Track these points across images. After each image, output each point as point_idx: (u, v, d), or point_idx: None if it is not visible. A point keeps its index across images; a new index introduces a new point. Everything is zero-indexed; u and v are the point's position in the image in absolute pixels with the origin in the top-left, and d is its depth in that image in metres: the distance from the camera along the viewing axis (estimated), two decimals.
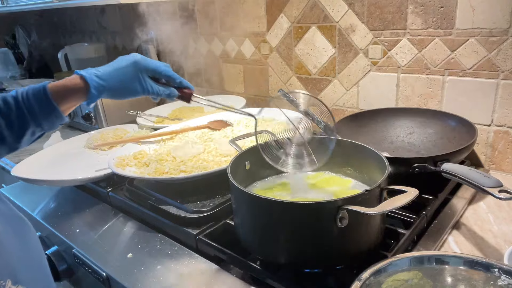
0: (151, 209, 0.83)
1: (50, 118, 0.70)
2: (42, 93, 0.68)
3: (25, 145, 0.72)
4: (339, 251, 0.59)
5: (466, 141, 0.83)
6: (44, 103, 0.68)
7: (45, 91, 0.68)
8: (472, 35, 0.90)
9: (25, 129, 0.69)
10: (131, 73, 0.73)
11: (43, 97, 0.68)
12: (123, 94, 0.75)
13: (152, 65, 0.75)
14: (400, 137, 1.01)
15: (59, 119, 0.71)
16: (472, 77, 0.93)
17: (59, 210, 0.95)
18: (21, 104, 0.68)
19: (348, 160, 0.75)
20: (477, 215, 0.77)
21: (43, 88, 0.68)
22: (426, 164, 0.75)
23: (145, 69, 0.74)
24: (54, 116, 0.70)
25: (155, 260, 0.72)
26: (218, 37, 1.45)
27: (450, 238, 0.71)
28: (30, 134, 0.70)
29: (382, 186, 0.58)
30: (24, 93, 0.68)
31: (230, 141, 0.87)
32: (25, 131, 0.69)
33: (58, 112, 0.70)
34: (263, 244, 0.62)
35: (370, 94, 1.11)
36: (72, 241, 0.82)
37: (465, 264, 0.51)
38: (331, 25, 1.12)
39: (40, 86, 0.69)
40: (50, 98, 0.68)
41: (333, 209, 0.54)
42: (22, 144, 0.72)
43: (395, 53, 1.03)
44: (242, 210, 0.64)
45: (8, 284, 0.44)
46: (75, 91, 0.71)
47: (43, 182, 0.95)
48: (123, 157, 0.98)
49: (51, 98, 0.68)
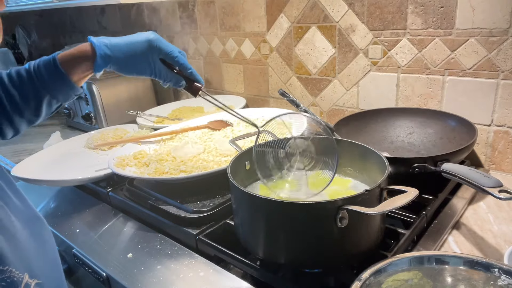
0: (151, 209, 0.83)
1: (62, 88, 0.70)
2: (51, 63, 0.69)
3: (45, 117, 0.73)
4: (339, 251, 0.59)
5: (466, 141, 0.83)
6: (54, 72, 0.69)
7: (55, 60, 0.69)
8: (472, 35, 0.90)
9: (39, 100, 0.70)
10: (142, 51, 0.72)
11: (53, 67, 0.69)
12: (129, 71, 0.73)
13: (166, 48, 0.73)
14: (400, 137, 1.01)
15: (72, 89, 0.71)
16: (472, 77, 0.93)
17: (59, 210, 0.95)
18: (32, 75, 0.69)
19: (348, 160, 0.75)
20: (477, 215, 0.77)
21: (52, 58, 0.69)
22: (426, 164, 0.75)
23: (157, 50, 0.72)
24: (66, 86, 0.70)
25: (155, 260, 0.72)
26: (218, 37, 1.45)
27: (450, 238, 0.71)
28: (46, 105, 0.71)
29: (382, 186, 0.58)
30: (35, 65, 0.69)
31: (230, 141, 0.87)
32: (41, 103, 0.70)
33: (69, 82, 0.70)
34: (263, 244, 0.62)
35: (370, 94, 1.11)
36: (72, 241, 0.82)
37: (465, 264, 0.51)
38: (331, 25, 1.12)
39: (50, 56, 0.69)
40: (60, 67, 0.68)
41: (333, 209, 0.54)
42: (41, 117, 0.73)
43: (395, 53, 1.03)
44: (242, 210, 0.64)
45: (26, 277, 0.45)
46: (82, 59, 0.70)
47: (43, 182, 0.96)
48: (123, 157, 0.98)
49: (61, 67, 0.69)
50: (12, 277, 0.43)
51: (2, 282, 0.42)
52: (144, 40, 0.72)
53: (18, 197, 0.53)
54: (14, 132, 0.74)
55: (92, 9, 1.98)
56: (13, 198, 0.52)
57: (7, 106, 0.69)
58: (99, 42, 0.70)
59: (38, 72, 0.69)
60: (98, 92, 1.42)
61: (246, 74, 1.42)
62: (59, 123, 1.70)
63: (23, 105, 0.70)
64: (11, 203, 0.51)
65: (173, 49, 0.74)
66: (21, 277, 0.45)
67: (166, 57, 0.74)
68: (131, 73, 0.74)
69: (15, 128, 0.73)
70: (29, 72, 0.69)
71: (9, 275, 0.43)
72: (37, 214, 0.56)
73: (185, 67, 0.75)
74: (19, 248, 0.47)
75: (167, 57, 0.74)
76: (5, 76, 0.70)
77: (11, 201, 0.51)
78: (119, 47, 0.71)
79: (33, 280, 0.47)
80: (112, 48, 0.71)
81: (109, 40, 0.72)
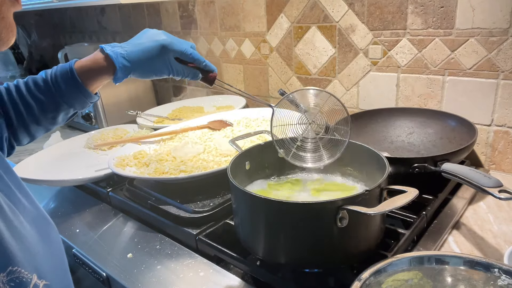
0: (151, 209, 0.83)
1: (80, 97, 0.72)
2: (69, 74, 0.70)
3: (61, 124, 0.76)
4: (339, 251, 0.59)
5: (466, 141, 0.83)
6: (71, 83, 0.70)
7: (72, 71, 0.70)
8: (472, 35, 0.90)
9: (57, 109, 0.71)
10: (158, 57, 0.73)
11: (70, 78, 0.70)
12: (148, 75, 0.75)
13: (180, 49, 0.74)
14: (400, 137, 1.01)
15: (89, 98, 0.73)
16: (472, 77, 0.93)
17: (59, 210, 0.95)
18: (50, 85, 0.70)
19: (348, 160, 0.75)
20: (477, 215, 0.77)
21: (70, 68, 0.70)
22: (426, 164, 0.75)
23: (172, 52, 0.74)
24: (83, 95, 0.72)
25: (155, 260, 0.72)
26: (218, 37, 1.45)
27: (450, 238, 0.71)
28: (63, 113, 0.73)
29: (382, 186, 0.58)
30: (52, 74, 0.70)
31: (230, 141, 0.87)
32: (58, 111, 0.72)
33: (86, 92, 0.71)
34: (263, 244, 0.62)
35: (370, 94, 1.11)
36: (72, 241, 0.82)
37: (465, 264, 0.51)
38: (331, 25, 1.12)
39: (67, 67, 0.70)
40: (78, 78, 0.70)
41: (333, 209, 0.54)
42: (58, 124, 0.75)
43: (395, 53, 1.03)
44: (242, 210, 0.64)
45: (34, 278, 0.46)
46: (101, 72, 0.72)
47: (43, 182, 0.95)
48: (123, 157, 0.98)
49: (78, 79, 0.70)
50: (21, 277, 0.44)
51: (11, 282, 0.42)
52: (158, 45, 0.73)
53: (27, 198, 0.53)
54: (30, 139, 0.75)
55: (92, 9, 1.98)
56: (22, 199, 0.52)
57: (24, 114, 0.70)
58: (115, 54, 0.71)
59: (55, 82, 0.70)
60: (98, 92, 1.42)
61: (246, 74, 1.42)
62: None
63: (40, 114, 0.71)
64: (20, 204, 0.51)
65: (186, 46, 0.75)
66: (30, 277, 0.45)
67: (182, 56, 0.75)
68: (150, 77, 0.75)
69: (31, 135, 0.74)
70: (46, 82, 0.70)
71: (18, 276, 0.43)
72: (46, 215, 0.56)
73: (199, 61, 0.77)
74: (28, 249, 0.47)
75: (182, 56, 0.75)
76: (22, 84, 0.71)
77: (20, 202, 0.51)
78: (136, 56, 0.72)
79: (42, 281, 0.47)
80: (130, 58, 0.72)
81: (125, 50, 0.72)
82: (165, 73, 0.75)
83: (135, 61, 0.72)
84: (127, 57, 0.71)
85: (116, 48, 0.72)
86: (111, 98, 1.46)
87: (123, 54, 0.71)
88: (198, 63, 0.77)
